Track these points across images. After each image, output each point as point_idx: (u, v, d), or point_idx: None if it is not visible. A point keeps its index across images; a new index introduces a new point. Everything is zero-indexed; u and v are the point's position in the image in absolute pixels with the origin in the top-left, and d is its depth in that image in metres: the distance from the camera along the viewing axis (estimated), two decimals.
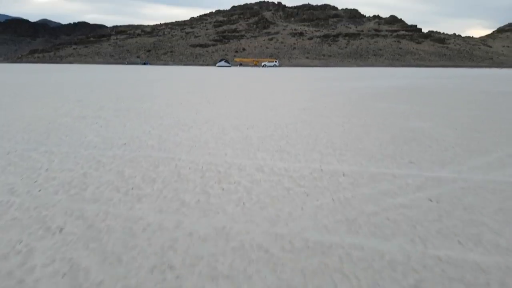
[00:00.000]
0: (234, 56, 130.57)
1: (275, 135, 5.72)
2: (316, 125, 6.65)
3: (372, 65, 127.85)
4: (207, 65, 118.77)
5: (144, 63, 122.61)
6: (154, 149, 4.75)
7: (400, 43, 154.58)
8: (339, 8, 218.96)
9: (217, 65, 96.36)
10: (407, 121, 7.34)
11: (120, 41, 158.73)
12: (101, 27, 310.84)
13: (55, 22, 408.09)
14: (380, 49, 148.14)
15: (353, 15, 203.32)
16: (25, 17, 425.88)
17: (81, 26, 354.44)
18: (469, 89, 17.88)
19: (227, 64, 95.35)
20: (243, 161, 4.16)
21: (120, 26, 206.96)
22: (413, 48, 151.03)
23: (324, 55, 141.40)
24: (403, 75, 40.71)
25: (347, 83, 22.84)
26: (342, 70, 64.41)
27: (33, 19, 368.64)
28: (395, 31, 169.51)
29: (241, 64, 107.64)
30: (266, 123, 6.84)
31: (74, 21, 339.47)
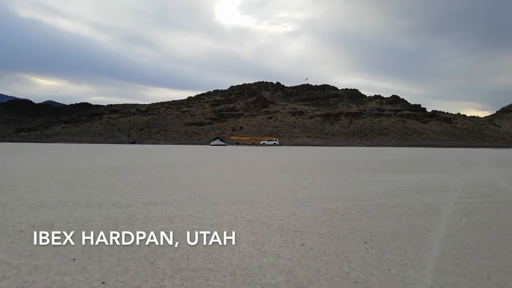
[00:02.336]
0: (231, 134, 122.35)
1: None
2: None
3: (380, 144, 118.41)
4: (201, 144, 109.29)
5: (132, 142, 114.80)
6: None
7: (405, 122, 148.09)
8: (339, 88, 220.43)
9: (211, 144, 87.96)
10: None
11: (112, 119, 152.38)
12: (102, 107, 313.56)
13: (59, 103, 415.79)
14: (386, 128, 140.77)
15: (354, 95, 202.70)
16: (30, 99, 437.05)
17: (82, 107, 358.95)
18: None
19: (222, 143, 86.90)
20: None
21: (115, 105, 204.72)
22: (420, 127, 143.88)
23: (326, 134, 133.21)
24: (453, 159, 28.55)
25: (400, 176, 12.46)
26: (358, 151, 52.92)
27: (38, 100, 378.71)
28: (399, 110, 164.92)
29: (237, 143, 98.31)
30: None
31: (77, 102, 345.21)
